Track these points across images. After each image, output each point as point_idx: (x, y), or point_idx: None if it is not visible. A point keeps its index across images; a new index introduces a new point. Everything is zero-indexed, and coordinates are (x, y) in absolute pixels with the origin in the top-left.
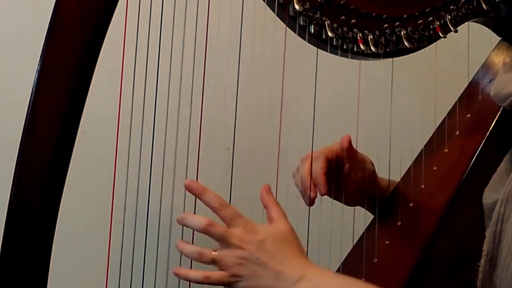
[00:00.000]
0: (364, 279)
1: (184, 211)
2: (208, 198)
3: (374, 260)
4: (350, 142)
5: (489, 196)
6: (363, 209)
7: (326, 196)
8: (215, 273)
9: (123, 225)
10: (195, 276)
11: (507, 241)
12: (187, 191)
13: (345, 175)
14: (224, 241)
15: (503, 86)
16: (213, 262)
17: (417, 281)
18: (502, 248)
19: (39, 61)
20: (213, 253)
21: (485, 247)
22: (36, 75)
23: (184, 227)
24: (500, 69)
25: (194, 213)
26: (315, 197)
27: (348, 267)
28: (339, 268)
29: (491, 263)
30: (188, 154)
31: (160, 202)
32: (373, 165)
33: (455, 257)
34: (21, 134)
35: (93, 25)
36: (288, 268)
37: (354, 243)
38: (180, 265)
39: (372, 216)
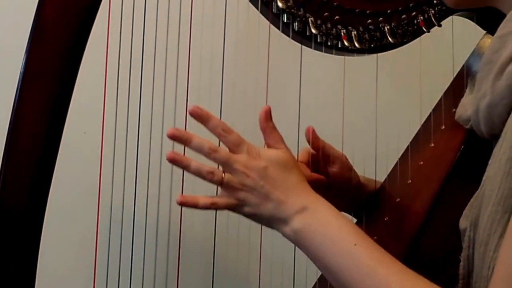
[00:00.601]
0: None
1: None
2: (212, 124)
3: None
4: (313, 132)
5: (462, 222)
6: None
7: None
8: (221, 198)
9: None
10: (204, 202)
11: (476, 267)
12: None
13: (325, 173)
14: (228, 167)
15: (463, 109)
16: (221, 183)
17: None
18: (474, 273)
19: (23, 62)
20: (224, 174)
21: (461, 271)
22: (20, 76)
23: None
24: (466, 91)
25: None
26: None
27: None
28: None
29: (468, 286)
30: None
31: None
32: (347, 159)
33: (442, 252)
34: (6, 136)
35: (76, 26)
36: (290, 197)
37: None
38: (168, 264)
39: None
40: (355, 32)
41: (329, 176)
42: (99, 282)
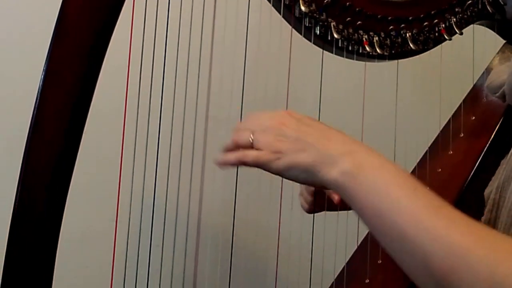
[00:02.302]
0: (368, 280)
1: (189, 211)
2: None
3: (379, 262)
4: None
5: (488, 188)
6: None
7: None
8: (252, 152)
9: (128, 224)
10: (234, 157)
11: (501, 227)
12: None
13: None
14: (259, 129)
15: (496, 76)
16: (251, 144)
17: None
18: None
19: (45, 61)
20: (250, 135)
21: None
22: (42, 75)
23: (189, 227)
24: (496, 64)
25: (199, 211)
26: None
27: (352, 267)
28: (343, 268)
29: None
30: (193, 153)
31: (166, 201)
32: None
33: None
34: (26, 135)
35: (99, 26)
36: (334, 140)
37: (359, 241)
38: (185, 263)
39: None
40: (376, 37)
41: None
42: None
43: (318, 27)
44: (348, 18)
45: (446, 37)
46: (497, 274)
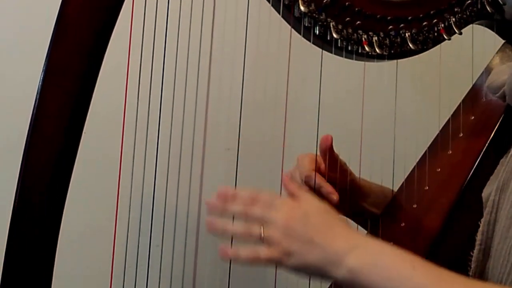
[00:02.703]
0: None
1: (188, 209)
2: (239, 201)
3: None
4: (331, 141)
5: (486, 189)
6: None
7: None
8: (265, 250)
9: (128, 225)
10: (246, 254)
11: (500, 229)
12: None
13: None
14: (266, 222)
15: (496, 76)
16: (261, 239)
17: None
18: (495, 237)
19: (45, 60)
20: (261, 231)
21: (479, 236)
22: (42, 74)
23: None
24: (497, 63)
25: (199, 212)
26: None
27: None
28: None
29: (484, 253)
30: (192, 153)
31: (165, 201)
32: (345, 164)
33: (458, 259)
34: (26, 134)
35: (98, 25)
36: (337, 238)
37: None
38: (184, 264)
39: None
40: (376, 37)
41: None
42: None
43: (317, 27)
44: (347, 18)
45: (445, 37)
46: None
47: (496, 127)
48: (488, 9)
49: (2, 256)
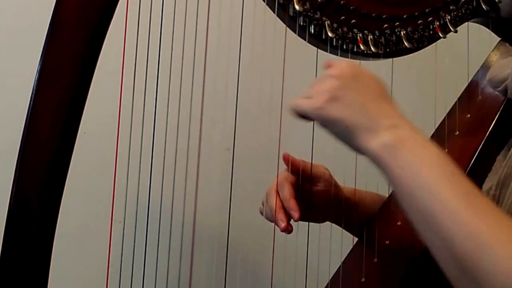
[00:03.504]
0: (364, 279)
1: (184, 210)
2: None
3: (374, 260)
4: (287, 158)
5: (486, 184)
6: None
7: None
8: (303, 100)
9: (124, 225)
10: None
11: None
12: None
13: (307, 192)
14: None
15: (498, 70)
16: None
17: (419, 276)
18: None
19: (40, 61)
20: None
21: None
22: (36, 75)
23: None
24: (497, 57)
25: (194, 213)
26: (287, 227)
27: (348, 266)
28: (339, 267)
29: None
30: (188, 154)
31: (161, 202)
32: (330, 175)
33: None
34: (21, 135)
35: (93, 25)
36: (382, 109)
37: (355, 242)
38: (180, 264)
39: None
40: (371, 36)
41: (313, 194)
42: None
43: (312, 26)
44: (343, 17)
45: (440, 35)
46: None
47: (492, 125)
48: (484, 7)
49: None
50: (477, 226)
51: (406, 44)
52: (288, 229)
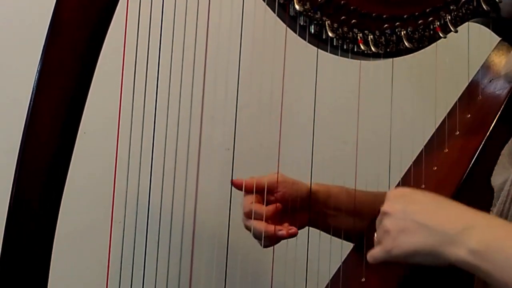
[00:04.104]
0: (364, 279)
1: (184, 210)
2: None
3: None
4: (239, 184)
5: (497, 179)
6: None
7: None
8: (374, 250)
9: (124, 225)
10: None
11: None
12: (186, 192)
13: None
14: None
15: None
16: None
17: (418, 277)
18: None
19: (39, 61)
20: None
21: None
22: (36, 75)
23: (184, 227)
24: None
25: (194, 212)
26: (290, 231)
27: (348, 266)
28: (339, 267)
29: None
30: (188, 154)
31: (161, 202)
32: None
33: None
34: (21, 135)
35: (93, 26)
36: (445, 216)
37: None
38: (180, 265)
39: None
40: (371, 36)
41: (281, 201)
42: (113, 271)
43: (312, 26)
44: (343, 17)
45: (441, 35)
46: None
47: (493, 124)
48: (484, 7)
49: None
50: None
51: (406, 44)
52: (294, 233)
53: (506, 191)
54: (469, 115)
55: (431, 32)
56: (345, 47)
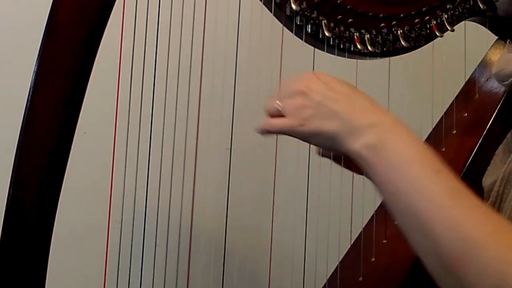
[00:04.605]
0: (361, 278)
1: (181, 210)
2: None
3: (372, 259)
4: None
5: (487, 179)
6: (360, 211)
7: (323, 199)
8: (277, 119)
9: (121, 225)
10: (262, 124)
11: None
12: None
13: None
14: (288, 92)
15: (505, 64)
16: (279, 112)
17: (417, 275)
18: None
19: (36, 60)
20: (277, 102)
21: None
22: (33, 75)
23: (181, 228)
24: (504, 50)
25: (192, 213)
26: None
27: (346, 266)
28: (336, 267)
29: None
30: (185, 154)
31: (158, 202)
32: None
33: None
34: (18, 134)
35: (90, 25)
36: (361, 110)
37: (352, 242)
38: (178, 265)
39: (370, 216)
40: (368, 35)
41: None
42: (110, 274)
43: (309, 25)
44: (339, 16)
45: (437, 34)
46: (508, 273)
47: (490, 123)
48: (480, 5)
49: None
50: (465, 225)
51: (403, 43)
52: None
53: (495, 191)
54: (466, 114)
55: (428, 31)
56: (341, 47)
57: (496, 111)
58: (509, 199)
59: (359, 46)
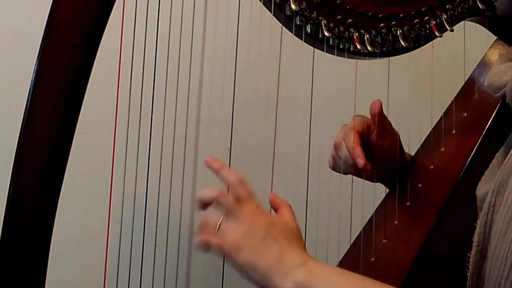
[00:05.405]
0: None
1: (181, 210)
2: (226, 174)
3: (372, 259)
4: (381, 106)
5: (481, 188)
6: (360, 211)
7: (323, 199)
8: (216, 239)
9: (121, 225)
10: (198, 239)
11: (497, 232)
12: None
13: (373, 145)
14: (232, 214)
15: (496, 77)
16: (218, 230)
17: (416, 277)
18: (492, 239)
19: (36, 61)
20: (219, 221)
21: (476, 238)
22: (33, 75)
23: (181, 227)
24: (495, 61)
25: (192, 213)
26: (365, 164)
27: (346, 266)
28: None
29: (481, 254)
30: (185, 154)
31: (158, 202)
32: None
33: (452, 253)
34: (18, 134)
35: (90, 25)
36: (293, 252)
37: (352, 241)
38: (178, 265)
39: (369, 216)
40: (367, 35)
41: (378, 148)
42: (110, 273)
43: (308, 25)
44: (339, 16)
45: (437, 34)
46: None
47: (489, 123)
48: (480, 5)
49: None
50: None
51: (402, 43)
52: (366, 166)
53: (488, 203)
54: (465, 114)
55: (427, 31)
56: (341, 47)
57: (495, 111)
58: (500, 211)
59: (358, 46)
